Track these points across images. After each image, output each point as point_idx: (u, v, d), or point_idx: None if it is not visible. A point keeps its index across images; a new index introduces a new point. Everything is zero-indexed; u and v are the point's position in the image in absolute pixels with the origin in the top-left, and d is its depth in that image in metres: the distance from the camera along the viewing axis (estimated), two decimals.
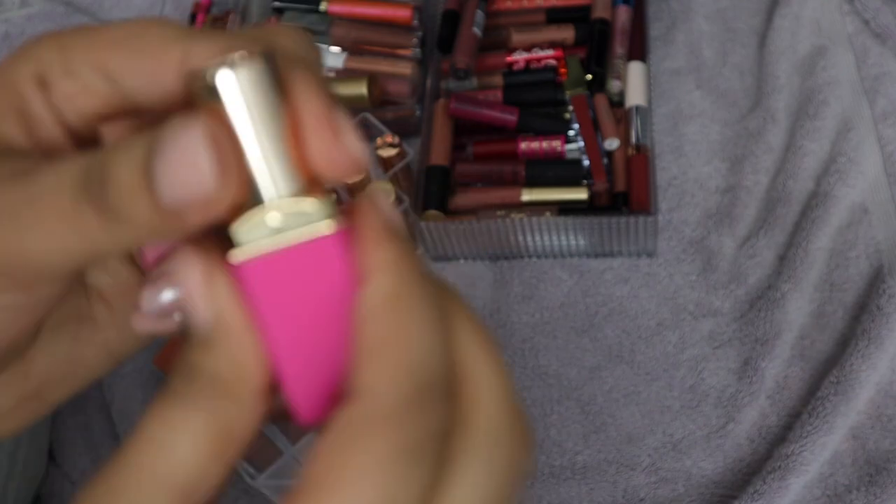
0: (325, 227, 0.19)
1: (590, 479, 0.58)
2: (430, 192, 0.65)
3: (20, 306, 0.21)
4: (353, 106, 0.69)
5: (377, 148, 0.65)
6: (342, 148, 0.19)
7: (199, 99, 0.19)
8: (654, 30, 0.75)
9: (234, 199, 0.19)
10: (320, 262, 0.19)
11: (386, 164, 0.66)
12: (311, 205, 0.19)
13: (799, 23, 0.73)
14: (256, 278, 0.19)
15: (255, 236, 0.19)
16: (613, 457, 0.58)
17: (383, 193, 0.21)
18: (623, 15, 0.71)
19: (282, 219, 0.19)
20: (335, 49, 0.73)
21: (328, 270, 0.19)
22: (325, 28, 0.73)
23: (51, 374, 0.23)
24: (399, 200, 0.63)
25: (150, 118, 0.21)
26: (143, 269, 0.24)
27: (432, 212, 0.64)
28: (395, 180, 0.66)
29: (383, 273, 0.19)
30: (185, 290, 0.20)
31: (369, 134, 0.67)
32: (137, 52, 0.21)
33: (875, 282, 0.61)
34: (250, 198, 0.19)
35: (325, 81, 0.20)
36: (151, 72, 0.21)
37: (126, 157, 0.18)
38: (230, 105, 0.19)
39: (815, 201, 0.64)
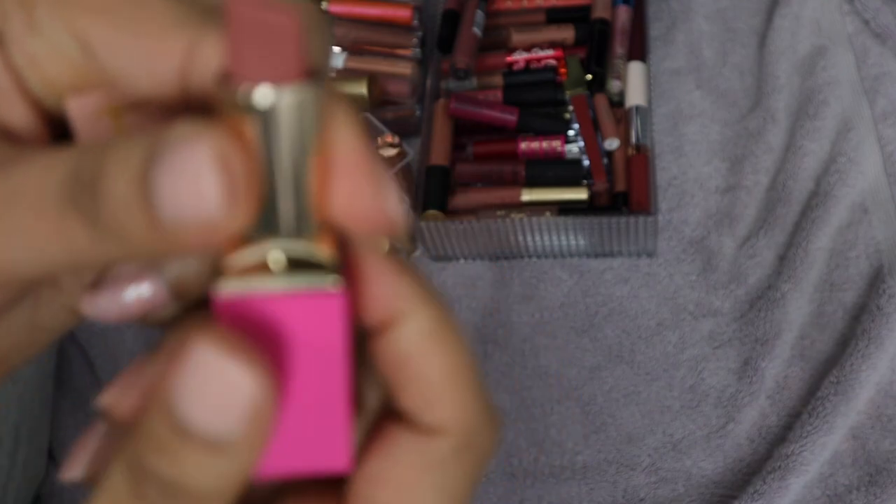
0: (331, 282, 0.17)
1: (590, 479, 0.58)
2: (430, 192, 0.65)
3: None
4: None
5: (377, 148, 0.65)
6: (379, 202, 0.17)
7: (222, 106, 0.16)
8: (654, 30, 0.75)
9: (241, 228, 0.16)
10: (318, 318, 0.18)
11: (386, 164, 0.66)
12: (321, 254, 0.17)
13: (799, 23, 0.73)
14: (238, 319, 0.17)
15: (252, 275, 0.17)
16: (613, 457, 0.58)
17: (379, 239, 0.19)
18: (623, 15, 0.71)
19: (286, 263, 0.17)
20: (335, 49, 0.73)
21: (324, 327, 0.18)
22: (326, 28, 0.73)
23: (10, 344, 0.21)
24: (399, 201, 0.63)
25: (134, 97, 0.19)
26: None
27: (432, 212, 0.64)
28: (395, 180, 0.66)
29: (419, 309, 0.19)
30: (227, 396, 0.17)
31: (370, 135, 0.67)
32: (126, 27, 0.17)
33: (875, 282, 0.61)
34: (257, 229, 0.17)
35: (363, 123, 0.18)
36: (143, 57, 0.17)
37: (121, 164, 0.16)
38: (264, 128, 0.16)
39: (815, 201, 0.64)
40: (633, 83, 0.67)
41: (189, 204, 0.15)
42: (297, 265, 0.17)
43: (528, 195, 0.64)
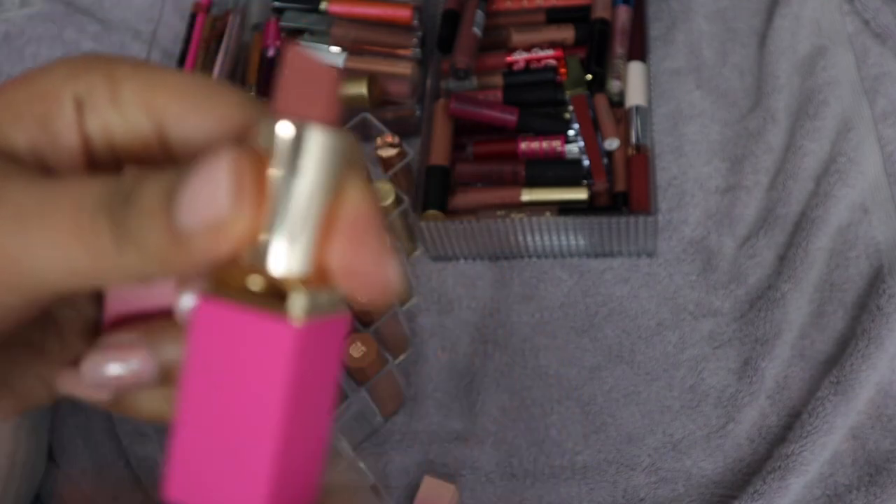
0: (295, 318, 0.18)
1: (590, 479, 0.58)
2: (430, 192, 0.65)
3: None
4: (353, 106, 0.69)
5: (377, 148, 0.65)
6: (377, 267, 0.19)
7: (259, 139, 0.18)
8: (654, 30, 0.75)
9: (243, 234, 0.18)
10: (268, 344, 0.18)
11: (386, 164, 0.66)
12: (293, 290, 0.18)
13: (799, 23, 0.73)
14: (201, 322, 0.19)
15: (227, 285, 0.19)
16: (613, 457, 0.58)
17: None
18: (623, 15, 0.71)
19: (262, 285, 0.18)
20: (335, 49, 0.73)
21: (271, 357, 0.18)
22: (325, 28, 0.73)
23: None
24: (399, 200, 0.63)
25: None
26: (102, 325, 0.23)
27: (432, 212, 0.64)
28: (395, 180, 0.66)
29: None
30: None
31: (369, 134, 0.67)
32: (200, 104, 0.21)
33: (875, 282, 0.61)
34: (258, 257, 0.18)
35: (378, 200, 0.20)
36: (209, 127, 0.20)
37: (155, 182, 0.18)
38: (284, 159, 0.18)
39: (815, 201, 0.64)
40: (633, 83, 0.67)
41: (202, 207, 0.18)
42: (278, 295, 0.18)
43: (528, 195, 0.64)
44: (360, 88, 0.69)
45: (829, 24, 0.73)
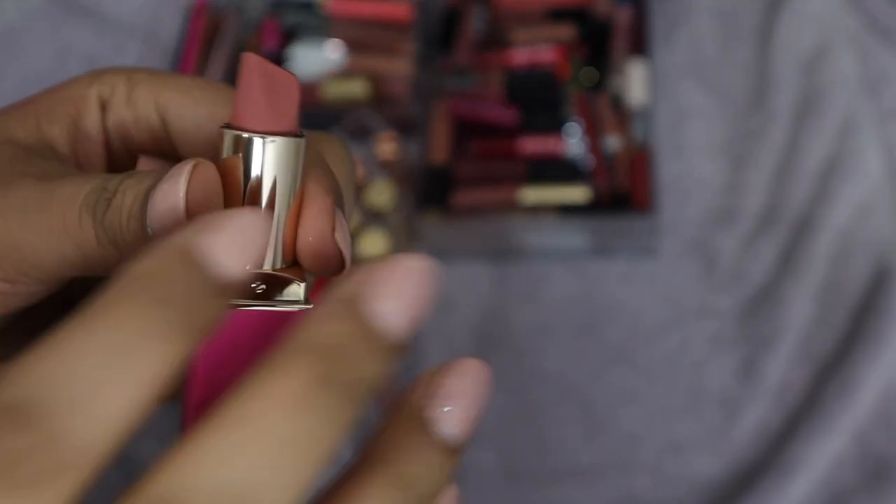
0: (304, 301, 0.20)
1: (590, 479, 0.57)
2: (430, 191, 0.65)
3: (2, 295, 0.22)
4: (352, 105, 0.69)
5: (377, 147, 0.65)
6: (328, 239, 0.21)
7: (223, 153, 0.20)
8: (657, 28, 0.75)
9: None
10: (271, 332, 0.20)
11: (386, 163, 0.65)
12: (292, 284, 0.20)
13: (802, 21, 0.73)
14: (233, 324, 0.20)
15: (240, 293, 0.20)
16: (614, 458, 0.58)
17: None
18: (625, 13, 0.70)
19: (265, 286, 0.20)
20: (334, 47, 0.73)
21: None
22: (324, 26, 0.73)
23: None
24: (399, 200, 0.63)
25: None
26: None
27: (432, 212, 0.64)
28: (395, 180, 0.65)
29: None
30: None
31: (369, 133, 0.67)
32: (197, 100, 0.23)
33: (878, 281, 0.60)
34: None
35: (338, 186, 0.22)
36: (202, 119, 0.23)
37: (136, 184, 0.20)
38: (252, 169, 0.20)
39: (818, 200, 0.64)
40: (635, 81, 0.67)
41: (165, 217, 0.19)
42: (274, 287, 0.20)
43: (528, 195, 0.64)
44: (360, 87, 0.69)
45: (833, 23, 0.73)
